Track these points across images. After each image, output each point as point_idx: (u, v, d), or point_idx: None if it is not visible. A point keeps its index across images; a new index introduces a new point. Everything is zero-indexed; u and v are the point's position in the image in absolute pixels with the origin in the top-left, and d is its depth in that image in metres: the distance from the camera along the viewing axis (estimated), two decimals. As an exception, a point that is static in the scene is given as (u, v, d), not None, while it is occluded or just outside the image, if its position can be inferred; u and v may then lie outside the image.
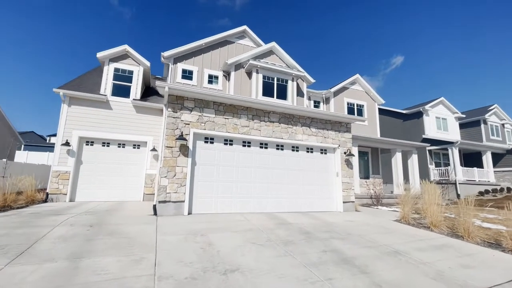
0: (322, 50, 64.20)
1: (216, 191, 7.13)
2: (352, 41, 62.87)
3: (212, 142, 7.31)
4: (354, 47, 65.34)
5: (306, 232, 5.62)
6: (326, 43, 61.84)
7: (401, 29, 52.76)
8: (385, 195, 12.31)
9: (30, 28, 40.06)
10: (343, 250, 4.59)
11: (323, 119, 8.82)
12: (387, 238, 5.54)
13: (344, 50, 65.04)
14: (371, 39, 60.98)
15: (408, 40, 56.68)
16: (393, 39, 57.33)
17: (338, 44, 63.19)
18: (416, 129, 18.45)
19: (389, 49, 64.51)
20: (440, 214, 6.72)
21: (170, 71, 10.64)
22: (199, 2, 51.69)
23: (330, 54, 65.33)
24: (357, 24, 54.27)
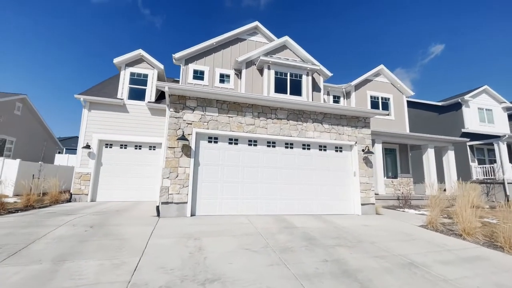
0: (350, 44, 60.96)
1: (220, 192, 6.91)
2: (381, 34, 58.67)
3: (216, 141, 7.11)
4: (384, 40, 60.94)
5: (311, 238, 5.12)
6: (354, 37, 58.58)
7: (439, 15, 47.73)
8: (415, 196, 11.11)
9: (73, 35, 44.15)
10: (347, 260, 4.04)
11: (338, 114, 8.15)
12: (405, 247, 4.84)
13: (374, 43, 61.00)
14: (404, 29, 56.29)
15: (449, 25, 50.90)
16: (430, 26, 52.16)
17: (367, 38, 59.43)
18: (454, 122, 16.53)
19: (426, 37, 58.82)
20: (475, 219, 5.73)
21: (182, 72, 10.70)
22: (225, 6, 52.40)
23: (359, 48, 61.75)
24: (386, 16, 50.42)
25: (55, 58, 50.34)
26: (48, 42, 48.89)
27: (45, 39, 47.60)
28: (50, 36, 48.55)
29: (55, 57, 51.76)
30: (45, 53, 49.36)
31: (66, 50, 52.08)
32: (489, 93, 16.95)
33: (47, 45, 48.72)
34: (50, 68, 50.41)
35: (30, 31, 45.25)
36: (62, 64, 52.65)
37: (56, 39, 48.15)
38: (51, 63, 49.32)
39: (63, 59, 50.83)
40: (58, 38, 48.95)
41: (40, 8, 42.14)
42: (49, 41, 49.38)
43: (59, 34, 49.02)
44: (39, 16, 43.54)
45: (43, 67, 47.79)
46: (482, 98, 16.84)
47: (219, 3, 50.40)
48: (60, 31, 48.08)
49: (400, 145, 13.20)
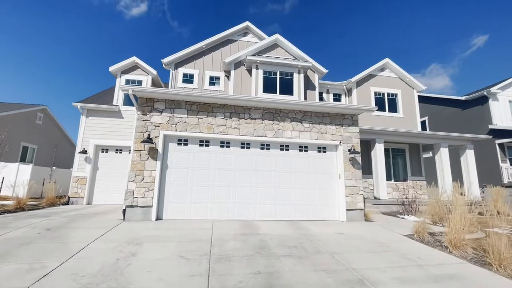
0: (386, 41, 57.64)
1: (190, 196, 6.70)
2: (408, 28, 54.52)
3: (186, 144, 6.94)
4: (414, 34, 56.59)
5: (264, 247, 4.67)
6: (387, 34, 55.37)
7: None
8: (423, 201, 9.92)
9: (107, 52, 47.65)
10: (284, 273, 3.57)
11: (320, 111, 7.55)
12: (369, 260, 4.20)
13: (406, 37, 56.94)
14: (443, 21, 51.77)
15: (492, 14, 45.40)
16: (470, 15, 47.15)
17: (399, 31, 55.62)
18: (479, 118, 14.68)
19: (467, 28, 53.21)
20: (465, 229, 4.83)
21: (171, 77, 10.81)
22: (248, 12, 52.99)
23: (393, 44, 58.05)
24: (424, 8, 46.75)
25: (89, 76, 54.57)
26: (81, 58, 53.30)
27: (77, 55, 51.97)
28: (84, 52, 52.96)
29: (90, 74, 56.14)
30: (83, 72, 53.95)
31: (100, 67, 56.38)
32: (523, 83, 14.83)
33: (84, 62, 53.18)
34: (93, 82, 54.84)
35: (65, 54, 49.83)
36: (97, 81, 56.85)
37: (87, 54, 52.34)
38: (93, 78, 53.67)
39: (97, 75, 54.98)
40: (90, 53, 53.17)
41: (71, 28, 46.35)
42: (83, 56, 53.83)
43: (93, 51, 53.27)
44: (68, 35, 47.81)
45: (89, 83, 52.03)
46: (515, 89, 14.77)
47: (242, 10, 51.12)
48: (93, 48, 52.21)
49: (410, 145, 11.99)
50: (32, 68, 49.48)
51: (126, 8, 54.62)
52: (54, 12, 41.83)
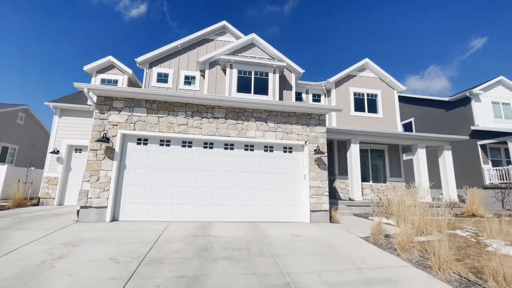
0: (387, 44, 57.66)
1: (148, 196, 6.54)
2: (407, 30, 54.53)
3: (145, 143, 6.79)
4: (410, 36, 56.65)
5: (207, 249, 4.53)
6: (390, 37, 55.49)
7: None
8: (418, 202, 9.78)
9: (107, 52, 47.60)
10: (211, 277, 3.45)
11: (285, 111, 7.43)
12: (311, 263, 4.09)
13: (395, 41, 56.92)
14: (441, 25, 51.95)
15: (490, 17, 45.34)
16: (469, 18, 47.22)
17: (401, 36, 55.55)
18: (462, 119, 14.60)
19: (465, 30, 53.23)
20: (413, 232, 4.69)
21: (145, 76, 10.67)
22: (247, 14, 52.89)
23: (396, 47, 58.05)
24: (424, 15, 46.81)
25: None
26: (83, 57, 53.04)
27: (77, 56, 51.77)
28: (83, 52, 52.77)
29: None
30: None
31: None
32: (506, 84, 14.79)
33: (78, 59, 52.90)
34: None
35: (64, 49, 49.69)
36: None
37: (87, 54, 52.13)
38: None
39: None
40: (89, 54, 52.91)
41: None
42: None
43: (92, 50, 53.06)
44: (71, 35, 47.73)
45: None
46: (498, 90, 14.72)
47: (241, 12, 50.99)
48: (94, 49, 51.96)
49: (389, 146, 11.87)
50: (24, 67, 49.26)
51: (125, 9, 54.55)
52: (51, 12, 41.72)
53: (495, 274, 3.22)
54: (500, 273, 3.15)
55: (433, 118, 16.71)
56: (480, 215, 9.54)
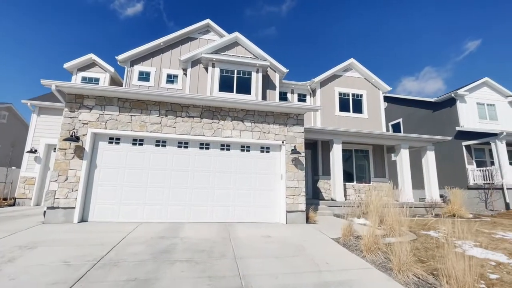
0: (381, 47, 58.09)
1: (120, 197, 6.39)
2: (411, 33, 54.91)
3: (118, 142, 6.64)
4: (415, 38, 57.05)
5: (169, 251, 4.41)
6: (384, 39, 55.90)
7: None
8: (382, 203, 9.76)
9: (103, 52, 46.50)
10: (163, 280, 3.35)
11: (263, 110, 7.34)
12: (272, 265, 4.01)
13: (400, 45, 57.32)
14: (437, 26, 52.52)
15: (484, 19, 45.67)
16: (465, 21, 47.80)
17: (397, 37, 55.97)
18: (448, 120, 14.68)
19: (458, 34, 53.92)
20: (373, 234, 4.62)
21: (126, 74, 10.49)
22: (245, 14, 52.68)
23: (392, 48, 58.29)
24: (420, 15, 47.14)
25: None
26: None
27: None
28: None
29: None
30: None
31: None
32: (491, 86, 14.91)
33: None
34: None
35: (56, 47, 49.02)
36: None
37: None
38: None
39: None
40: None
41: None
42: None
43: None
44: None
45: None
46: (483, 91, 14.84)
47: (239, 12, 50.80)
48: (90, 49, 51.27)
49: (374, 146, 11.86)
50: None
51: (120, 7, 53.97)
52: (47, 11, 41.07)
53: (448, 277, 3.16)
54: (453, 276, 3.08)
55: (421, 119, 16.79)
56: (460, 215, 9.56)
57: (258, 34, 57.57)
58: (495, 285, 3.44)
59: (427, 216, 9.19)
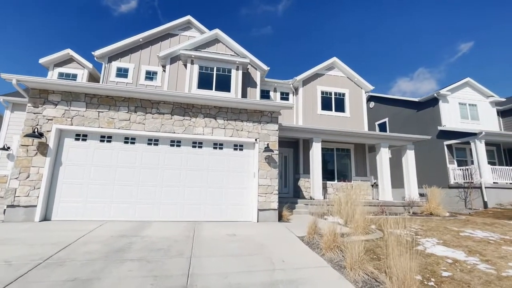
0: (375, 48, 58.72)
1: (86, 195, 6.23)
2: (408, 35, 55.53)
3: (84, 139, 6.47)
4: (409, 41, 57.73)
5: (123, 250, 4.29)
6: (378, 41, 56.55)
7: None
8: (362, 202, 9.79)
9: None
10: (105, 279, 3.26)
11: (236, 107, 7.25)
12: (227, 264, 3.97)
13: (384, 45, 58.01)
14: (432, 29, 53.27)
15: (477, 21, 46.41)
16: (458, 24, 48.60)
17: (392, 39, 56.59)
18: (431, 120, 14.83)
19: (452, 35, 54.91)
20: (333, 232, 4.58)
21: (103, 70, 10.27)
22: (240, 13, 52.38)
23: (384, 51, 58.85)
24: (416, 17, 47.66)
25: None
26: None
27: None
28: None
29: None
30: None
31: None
32: (473, 86, 15.10)
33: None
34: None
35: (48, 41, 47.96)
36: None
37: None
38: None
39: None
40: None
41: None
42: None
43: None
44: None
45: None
46: (465, 92, 15.02)
47: (235, 11, 50.51)
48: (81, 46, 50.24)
49: (356, 145, 11.89)
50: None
51: (114, 4, 53.08)
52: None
53: (391, 275, 3.13)
54: (395, 273, 3.05)
55: (406, 118, 16.93)
56: (437, 214, 9.65)
57: (253, 34, 57.48)
58: (444, 283, 3.43)
59: (404, 215, 9.23)
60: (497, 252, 4.75)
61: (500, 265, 4.09)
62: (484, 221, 8.05)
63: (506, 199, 11.78)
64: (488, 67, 57.37)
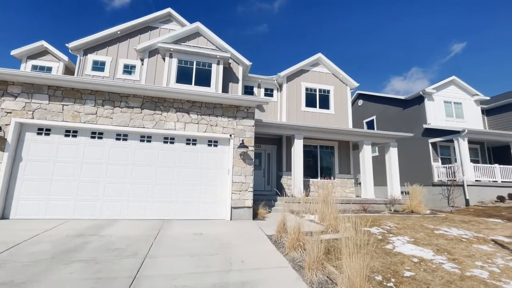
0: (371, 50, 59.20)
1: (48, 192, 5.93)
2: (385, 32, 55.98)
3: (48, 133, 6.15)
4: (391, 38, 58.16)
5: (76, 250, 4.05)
6: (374, 42, 57.01)
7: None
8: (342, 199, 9.69)
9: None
10: (33, 283, 2.97)
11: (211, 102, 7.01)
12: (182, 265, 3.77)
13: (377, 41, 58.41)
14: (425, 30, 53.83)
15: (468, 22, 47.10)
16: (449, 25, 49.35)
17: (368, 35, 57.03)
18: (416, 117, 14.83)
19: (445, 36, 55.73)
20: (298, 231, 4.42)
21: (78, 63, 9.88)
22: (238, 10, 51.81)
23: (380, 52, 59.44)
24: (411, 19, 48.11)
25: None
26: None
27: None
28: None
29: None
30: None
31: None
32: (458, 84, 15.14)
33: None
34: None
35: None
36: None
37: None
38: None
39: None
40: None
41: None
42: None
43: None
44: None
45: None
46: (450, 90, 15.05)
47: (231, 8, 50.00)
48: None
49: (340, 142, 11.77)
50: None
51: None
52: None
53: (342, 275, 2.96)
54: (345, 274, 2.89)
55: (392, 116, 16.92)
56: (417, 212, 9.59)
57: (247, 32, 57.13)
58: (404, 283, 3.29)
59: (384, 213, 9.17)
60: (466, 250, 4.65)
61: (466, 264, 3.97)
62: (463, 219, 8.01)
63: (487, 197, 11.84)
64: (479, 68, 58.28)
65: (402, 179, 11.29)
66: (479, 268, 3.86)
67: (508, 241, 5.47)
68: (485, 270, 3.78)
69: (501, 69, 58.23)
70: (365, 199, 10.03)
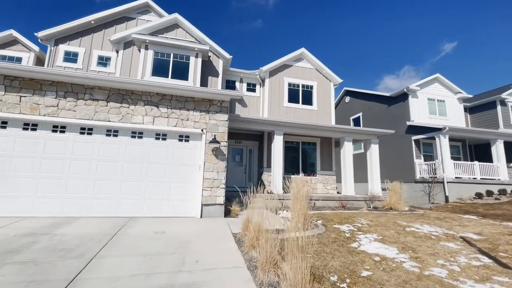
0: (364, 49, 59.71)
1: (3, 188, 5.60)
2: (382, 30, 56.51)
3: (4, 127, 5.79)
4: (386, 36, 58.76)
5: (19, 251, 3.80)
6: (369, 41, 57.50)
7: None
8: (323, 196, 9.62)
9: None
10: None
11: (182, 95, 6.75)
12: (130, 266, 3.55)
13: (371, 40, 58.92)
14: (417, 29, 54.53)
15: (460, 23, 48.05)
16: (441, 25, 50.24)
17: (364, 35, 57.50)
18: (400, 114, 14.86)
19: (437, 35, 56.81)
20: (258, 229, 4.26)
21: (49, 54, 9.42)
22: (232, 5, 51.12)
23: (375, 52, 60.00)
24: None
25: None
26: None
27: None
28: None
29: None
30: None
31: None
32: (442, 82, 15.21)
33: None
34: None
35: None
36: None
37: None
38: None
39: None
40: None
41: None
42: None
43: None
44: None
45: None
46: (434, 87, 15.11)
47: (225, 3, 49.45)
48: None
49: (322, 139, 11.67)
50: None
51: None
52: None
53: (284, 275, 2.81)
54: (288, 273, 2.73)
55: (378, 113, 16.92)
56: (396, 208, 9.58)
57: (243, 27, 56.62)
58: (357, 284, 3.16)
59: (363, 209, 9.12)
60: (431, 248, 4.58)
61: (427, 263, 3.89)
62: (438, 216, 8.02)
63: (467, 194, 11.98)
64: (467, 68, 59.37)
65: (385, 176, 11.27)
66: (439, 266, 3.77)
67: (477, 238, 5.45)
68: (445, 269, 3.69)
69: (489, 69, 59.51)
70: (345, 196, 9.97)
